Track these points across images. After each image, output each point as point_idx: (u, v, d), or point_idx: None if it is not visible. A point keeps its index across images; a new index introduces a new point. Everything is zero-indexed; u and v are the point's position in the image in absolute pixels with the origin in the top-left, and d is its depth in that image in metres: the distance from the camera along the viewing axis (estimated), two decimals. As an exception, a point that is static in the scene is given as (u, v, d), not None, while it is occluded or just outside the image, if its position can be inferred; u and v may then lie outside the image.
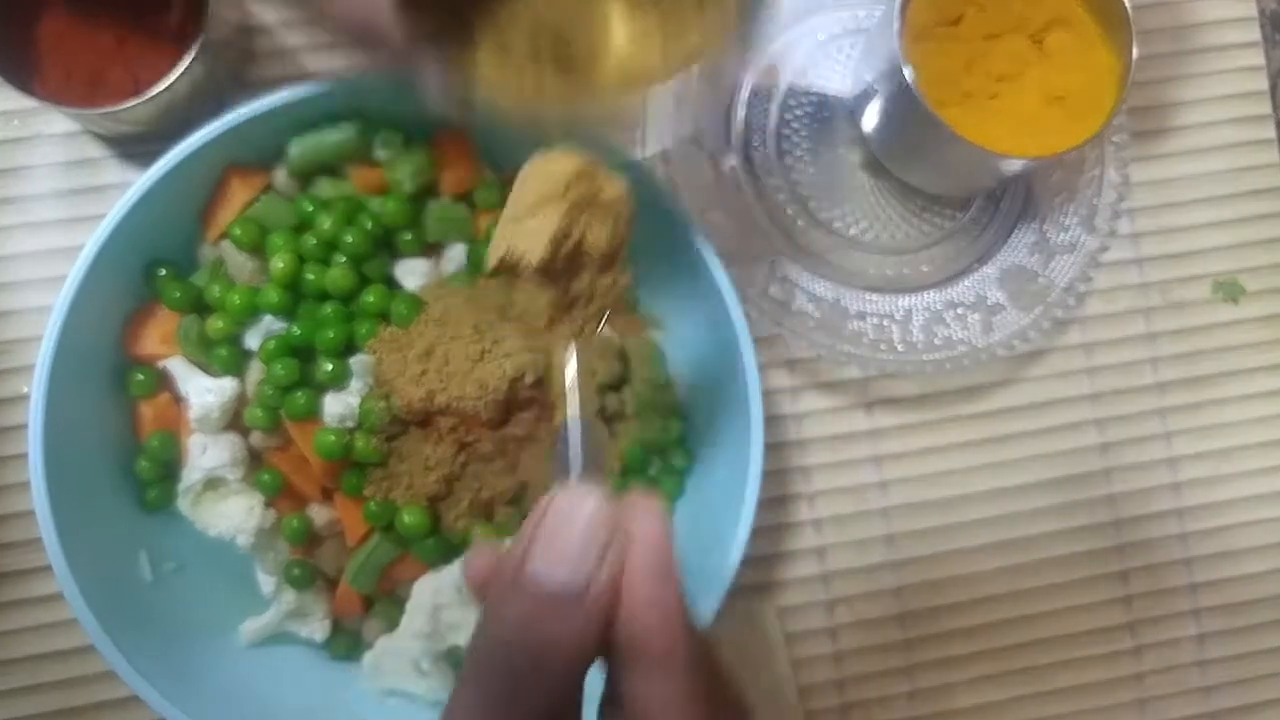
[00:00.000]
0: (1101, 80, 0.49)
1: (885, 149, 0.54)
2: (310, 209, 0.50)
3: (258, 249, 0.50)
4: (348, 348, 0.49)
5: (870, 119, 0.53)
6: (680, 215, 0.48)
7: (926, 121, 0.48)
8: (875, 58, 0.51)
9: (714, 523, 0.50)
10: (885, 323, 0.58)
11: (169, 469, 0.51)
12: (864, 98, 0.52)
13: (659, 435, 0.53)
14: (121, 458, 0.51)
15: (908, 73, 0.47)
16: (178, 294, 0.50)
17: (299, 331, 0.49)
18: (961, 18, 0.51)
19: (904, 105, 0.49)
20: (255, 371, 0.50)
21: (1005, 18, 0.50)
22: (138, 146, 0.57)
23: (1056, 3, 0.50)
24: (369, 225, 0.50)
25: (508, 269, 0.39)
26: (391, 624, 0.51)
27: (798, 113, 0.59)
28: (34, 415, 0.45)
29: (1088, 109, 0.48)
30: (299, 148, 0.50)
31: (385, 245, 0.51)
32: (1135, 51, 0.48)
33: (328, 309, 0.49)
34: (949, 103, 0.50)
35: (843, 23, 0.59)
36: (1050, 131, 0.48)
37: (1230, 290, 0.63)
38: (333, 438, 0.48)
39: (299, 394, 0.49)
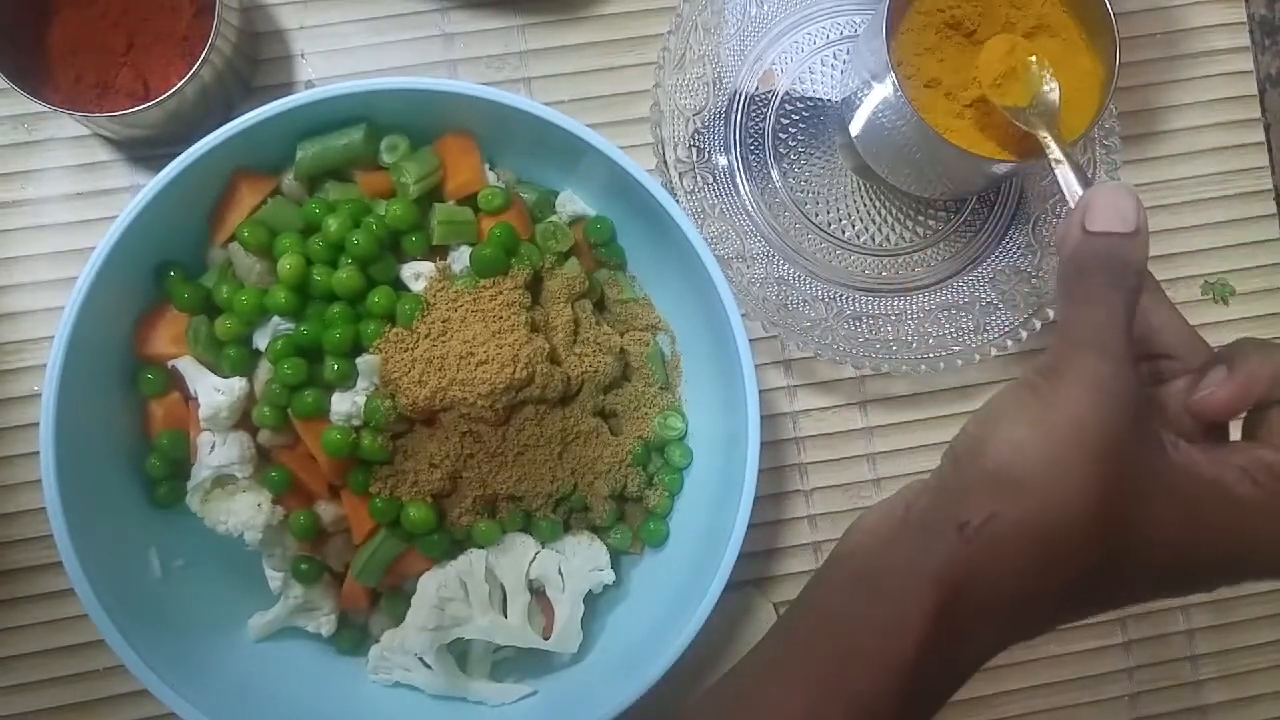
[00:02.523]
0: (1085, 85, 0.50)
1: (874, 154, 0.55)
2: (318, 212, 0.51)
3: (266, 251, 0.51)
4: (354, 348, 0.50)
5: (859, 124, 0.54)
6: (680, 218, 0.49)
7: (914, 126, 0.49)
8: (863, 64, 0.51)
9: (712, 518, 0.51)
10: (880, 323, 0.58)
11: (179, 467, 0.51)
12: (853, 103, 0.53)
13: (659, 433, 0.54)
14: (132, 456, 0.51)
15: (894, 78, 0.48)
16: (187, 295, 0.51)
17: (306, 332, 0.50)
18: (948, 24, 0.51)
19: (892, 110, 0.50)
20: (263, 371, 0.51)
21: (991, 24, 0.50)
22: (146, 150, 0.57)
23: (1041, 9, 0.50)
24: (375, 228, 0.50)
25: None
26: (397, 618, 0.52)
27: (793, 117, 0.60)
28: (45, 414, 0.46)
29: (1072, 114, 0.49)
30: (306, 152, 0.51)
31: (391, 247, 0.52)
32: (1119, 57, 0.49)
33: (335, 310, 0.50)
34: (935, 108, 0.51)
35: (840, 28, 0.60)
36: (1035, 136, 0.49)
37: (1220, 291, 0.63)
38: (339, 436, 0.49)
39: (306, 393, 0.49)
